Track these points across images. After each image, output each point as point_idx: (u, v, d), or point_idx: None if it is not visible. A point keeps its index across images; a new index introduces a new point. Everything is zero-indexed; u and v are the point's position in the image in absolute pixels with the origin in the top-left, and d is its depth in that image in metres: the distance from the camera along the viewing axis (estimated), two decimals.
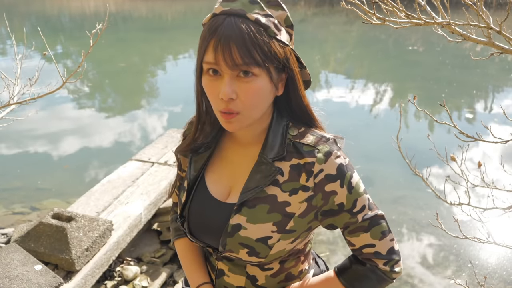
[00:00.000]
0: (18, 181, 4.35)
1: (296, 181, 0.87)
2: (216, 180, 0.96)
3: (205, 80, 0.83)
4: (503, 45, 1.17)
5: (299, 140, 0.88)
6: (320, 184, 0.86)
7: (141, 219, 2.79)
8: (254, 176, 0.88)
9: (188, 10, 20.60)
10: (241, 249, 0.88)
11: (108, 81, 8.74)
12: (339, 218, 0.90)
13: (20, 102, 2.10)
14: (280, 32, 0.83)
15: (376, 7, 1.13)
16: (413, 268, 3.03)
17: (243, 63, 0.77)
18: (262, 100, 0.83)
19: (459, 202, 1.45)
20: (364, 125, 6.12)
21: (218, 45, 0.78)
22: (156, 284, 2.65)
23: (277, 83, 0.85)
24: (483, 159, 4.66)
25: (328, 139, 0.88)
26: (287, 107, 0.92)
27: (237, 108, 0.81)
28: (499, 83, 8.66)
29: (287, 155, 0.88)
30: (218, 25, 0.79)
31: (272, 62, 0.81)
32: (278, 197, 0.87)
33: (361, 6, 1.17)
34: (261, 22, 0.80)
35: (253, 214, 0.87)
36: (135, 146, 5.16)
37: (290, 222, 0.87)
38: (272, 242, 0.87)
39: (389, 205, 3.87)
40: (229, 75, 0.79)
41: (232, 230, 0.88)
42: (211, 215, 0.93)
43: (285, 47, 0.83)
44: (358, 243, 0.92)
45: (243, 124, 0.85)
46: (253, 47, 0.77)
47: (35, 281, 1.93)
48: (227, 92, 0.79)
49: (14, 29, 2.71)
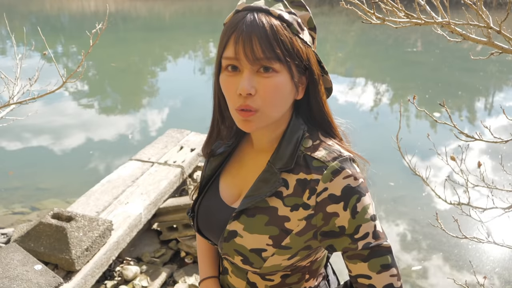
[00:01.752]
0: (18, 181, 4.34)
1: (300, 196, 0.81)
2: (228, 183, 0.95)
3: (223, 77, 0.80)
4: (503, 44, 1.17)
5: (310, 153, 0.82)
6: (322, 204, 0.80)
7: (141, 219, 2.79)
8: (258, 185, 0.85)
9: (187, 10, 20.60)
10: (236, 256, 0.87)
11: (108, 81, 8.74)
12: (339, 241, 0.83)
13: (20, 102, 2.10)
14: (303, 32, 0.80)
15: (376, 7, 1.13)
16: (413, 268, 3.03)
17: (264, 57, 0.75)
18: (282, 98, 0.79)
19: (459, 202, 1.45)
20: (364, 125, 6.11)
21: (239, 38, 0.75)
22: (156, 284, 2.65)
23: (297, 84, 0.81)
24: (483, 159, 4.66)
25: (341, 156, 0.81)
26: (307, 112, 0.87)
27: (255, 105, 0.78)
28: (499, 83, 8.66)
29: (295, 168, 0.82)
30: (239, 19, 0.77)
31: (294, 60, 0.78)
32: (279, 211, 0.83)
33: (361, 6, 1.17)
34: (285, 18, 0.77)
35: (251, 223, 0.84)
36: (135, 146, 5.16)
37: (287, 239, 0.83)
38: (266, 255, 0.84)
39: (389, 205, 3.87)
40: (249, 70, 0.76)
41: (228, 235, 0.86)
42: (215, 216, 0.93)
43: (308, 47, 0.81)
44: (354, 271, 0.84)
45: (261, 123, 0.81)
46: (275, 41, 0.75)
47: (35, 281, 1.93)
48: (246, 87, 0.76)
49: (14, 29, 2.71)
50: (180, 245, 3.00)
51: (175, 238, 3.03)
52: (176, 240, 3.05)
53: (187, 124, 4.77)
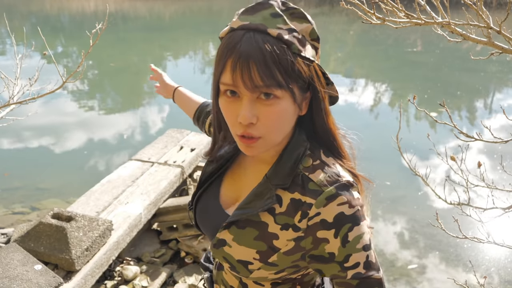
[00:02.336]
0: (18, 181, 4.34)
1: (291, 217, 0.79)
2: (228, 186, 0.94)
3: (222, 101, 0.77)
4: (503, 45, 1.17)
5: (308, 174, 0.79)
6: (313, 228, 0.77)
7: (141, 219, 2.79)
8: (251, 198, 0.83)
9: (187, 10, 20.60)
10: (224, 262, 0.87)
11: (107, 81, 8.74)
12: (327, 267, 0.80)
13: (20, 102, 2.10)
14: (305, 48, 0.76)
15: (376, 7, 1.13)
16: (413, 268, 3.03)
17: (263, 85, 0.71)
18: (285, 123, 0.77)
19: (459, 202, 1.45)
20: (364, 125, 6.11)
21: (236, 65, 0.71)
22: (156, 284, 2.65)
23: (300, 103, 0.78)
24: (482, 159, 4.66)
25: (339, 181, 0.78)
26: (309, 127, 0.84)
27: (258, 133, 0.75)
28: (499, 83, 8.66)
29: (291, 186, 0.80)
30: (236, 42, 0.72)
31: (296, 82, 0.74)
32: (269, 227, 0.81)
33: (361, 6, 1.17)
34: (284, 39, 0.72)
35: (240, 235, 0.83)
36: (135, 146, 5.16)
37: (274, 256, 0.81)
38: (252, 268, 0.83)
39: (389, 205, 3.87)
40: (249, 98, 0.73)
41: (218, 243, 0.86)
42: (211, 217, 0.93)
43: (310, 64, 0.77)
44: None
45: (264, 148, 0.79)
46: (275, 66, 0.70)
47: (35, 281, 1.93)
48: (246, 116, 0.73)
49: (14, 29, 2.71)
50: (180, 245, 3.00)
51: (175, 238, 3.04)
52: (176, 240, 3.05)
53: (187, 124, 4.76)
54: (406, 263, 3.08)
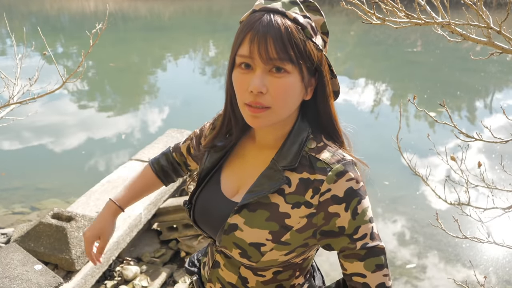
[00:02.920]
0: (18, 181, 4.34)
1: (302, 195, 0.84)
2: (228, 177, 0.97)
3: (236, 73, 0.83)
4: (503, 45, 1.17)
5: (315, 154, 0.85)
6: (324, 204, 0.83)
7: (141, 219, 2.79)
8: (261, 180, 0.87)
9: (187, 10, 20.60)
10: (234, 249, 0.89)
11: (107, 81, 8.74)
12: (337, 241, 0.86)
13: (20, 102, 2.10)
14: (316, 36, 0.83)
15: (376, 7, 1.13)
16: (414, 268, 3.03)
17: (277, 58, 0.77)
18: (292, 98, 0.82)
19: (459, 202, 1.45)
20: (364, 125, 6.11)
21: (254, 38, 0.78)
22: (156, 284, 2.65)
23: (307, 85, 0.84)
24: (482, 159, 4.66)
25: (344, 159, 0.84)
26: (313, 114, 0.89)
27: (266, 103, 0.80)
28: (498, 83, 8.66)
29: (298, 167, 0.85)
30: (256, 19, 0.79)
31: (306, 62, 0.80)
32: (280, 207, 0.85)
33: (361, 6, 1.17)
34: (299, 21, 0.80)
35: (252, 217, 0.87)
36: (135, 146, 5.16)
37: (286, 235, 0.85)
38: (265, 249, 0.86)
39: (389, 205, 3.87)
40: (262, 69, 0.79)
41: (228, 228, 0.88)
42: (215, 208, 0.95)
43: (319, 51, 0.83)
44: (350, 270, 0.88)
45: (270, 121, 0.83)
46: (289, 43, 0.77)
47: (35, 281, 1.92)
48: (257, 85, 0.78)
49: (14, 29, 2.71)
50: (180, 245, 3.00)
51: (175, 238, 3.04)
52: (176, 240, 3.05)
53: (187, 124, 4.77)
54: (405, 262, 3.08)
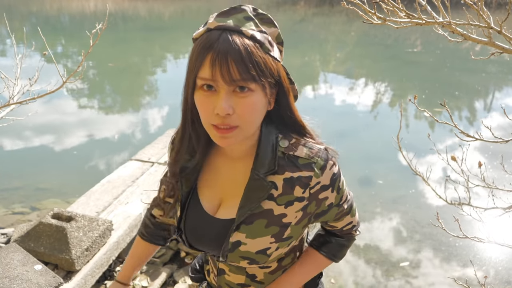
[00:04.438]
0: (18, 181, 4.34)
1: (290, 194, 0.89)
2: (207, 195, 0.97)
3: (198, 95, 0.82)
4: (504, 45, 1.17)
5: (292, 153, 0.89)
6: (315, 194, 0.90)
7: (141, 219, 2.78)
8: (248, 194, 0.89)
9: (186, 10, 20.61)
10: (241, 261, 0.92)
11: (107, 81, 8.73)
12: (328, 215, 0.97)
13: (20, 102, 2.10)
14: (273, 48, 0.84)
15: (376, 6, 1.13)
16: (414, 268, 3.03)
17: (240, 79, 0.77)
18: (258, 114, 0.84)
19: (460, 202, 1.45)
20: (364, 125, 6.11)
21: (215, 60, 0.76)
22: (156, 284, 2.65)
23: (270, 97, 0.85)
24: (482, 159, 4.66)
25: (320, 150, 0.90)
26: (277, 119, 0.92)
27: (234, 122, 0.81)
28: (498, 83, 8.66)
29: (279, 169, 0.88)
30: (214, 40, 0.78)
31: (267, 78, 0.81)
32: (274, 211, 0.89)
33: (361, 6, 1.17)
34: (257, 38, 0.80)
35: (251, 230, 0.90)
36: (135, 146, 5.16)
37: (287, 231, 0.91)
38: (271, 251, 0.91)
39: (389, 205, 3.87)
40: (226, 91, 0.78)
41: (232, 246, 0.91)
42: (205, 230, 0.96)
43: (278, 63, 0.84)
44: (341, 225, 1.03)
45: (238, 139, 0.84)
46: (251, 63, 0.77)
47: (35, 281, 1.92)
48: (224, 108, 0.78)
49: (14, 29, 2.71)
50: (180, 245, 3.00)
51: (175, 238, 3.03)
52: (176, 240, 3.05)
53: None
54: (405, 261, 3.08)
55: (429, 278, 2.95)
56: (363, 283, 2.87)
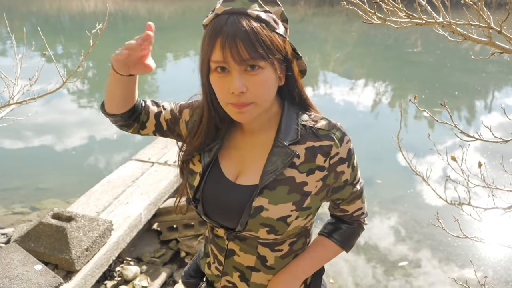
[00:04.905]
0: (18, 181, 4.34)
1: (312, 162, 0.94)
2: (228, 165, 1.01)
3: (213, 77, 0.87)
4: (504, 45, 1.17)
5: (313, 124, 0.96)
6: (334, 165, 0.95)
7: (141, 219, 2.79)
8: (272, 159, 0.94)
9: (186, 10, 20.60)
10: (261, 228, 0.94)
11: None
12: (343, 192, 1.01)
13: (20, 102, 2.10)
14: (278, 26, 0.88)
15: (376, 6, 1.13)
16: (414, 268, 3.03)
17: (250, 58, 0.82)
18: (270, 90, 0.89)
19: (460, 202, 1.45)
20: (364, 125, 6.11)
21: (225, 43, 0.82)
22: (156, 284, 2.65)
23: (280, 73, 0.90)
24: (482, 159, 4.66)
25: (337, 124, 0.97)
26: (287, 94, 0.98)
27: (249, 99, 0.86)
28: (498, 83, 8.66)
29: (301, 139, 0.94)
30: (222, 24, 0.83)
31: (275, 54, 0.86)
32: (296, 178, 0.94)
33: (361, 6, 1.17)
34: (262, 18, 0.85)
35: (274, 195, 0.93)
36: (135, 146, 5.16)
37: (307, 200, 0.95)
38: (291, 220, 0.94)
39: (389, 205, 3.87)
40: (237, 70, 0.84)
41: (254, 211, 0.93)
42: (226, 196, 0.98)
43: (284, 39, 0.89)
44: (352, 209, 1.07)
45: (254, 114, 0.89)
46: (258, 42, 0.82)
47: (35, 281, 1.92)
48: (237, 86, 0.83)
49: (14, 29, 2.71)
50: (180, 245, 3.00)
51: (175, 238, 3.03)
52: (176, 240, 3.05)
53: None
54: (405, 261, 3.08)
55: (428, 278, 2.95)
56: (362, 283, 2.87)
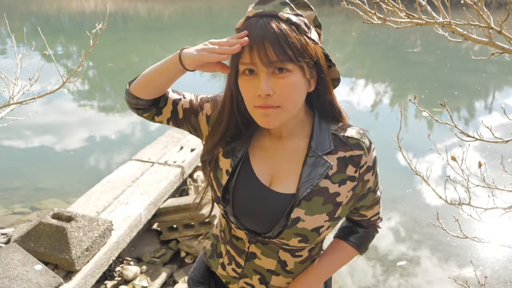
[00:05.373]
0: (18, 181, 4.34)
1: (343, 172, 0.94)
2: (259, 168, 0.99)
3: (242, 80, 0.87)
4: (504, 45, 1.17)
5: (343, 133, 0.95)
6: (362, 175, 0.96)
7: (141, 219, 2.78)
8: (307, 170, 0.93)
9: (187, 10, 20.59)
10: (293, 238, 0.94)
11: (108, 81, 8.73)
12: (367, 200, 1.01)
13: (20, 102, 2.10)
14: (310, 30, 0.87)
15: (376, 6, 1.13)
16: (414, 268, 3.03)
17: (277, 60, 0.81)
18: (298, 94, 0.87)
19: (460, 202, 1.45)
20: (364, 125, 6.10)
21: (253, 45, 0.82)
22: (156, 284, 2.65)
23: (309, 78, 0.89)
24: (482, 159, 4.66)
25: (364, 133, 0.98)
26: (317, 101, 0.96)
27: (276, 103, 0.85)
28: (497, 83, 8.66)
29: (333, 149, 0.94)
30: (252, 26, 0.83)
31: (304, 58, 0.84)
32: (330, 189, 0.94)
33: (361, 6, 1.17)
34: (292, 21, 0.83)
35: (310, 206, 0.93)
36: (135, 146, 5.16)
37: (339, 210, 0.95)
38: (323, 230, 0.95)
39: (389, 205, 3.87)
40: (265, 73, 0.83)
41: (292, 222, 0.93)
42: (262, 202, 0.96)
43: (316, 44, 0.88)
44: (370, 214, 1.07)
45: (280, 119, 0.87)
46: (286, 44, 0.81)
47: (35, 281, 1.92)
48: (264, 89, 0.82)
49: (14, 29, 2.70)
50: (180, 245, 3.00)
51: (175, 238, 3.03)
52: (176, 240, 3.05)
53: None
54: (404, 261, 3.08)
55: (428, 277, 2.95)
56: (362, 282, 2.87)
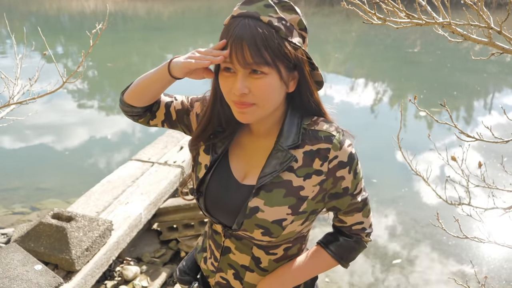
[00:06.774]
0: (18, 181, 4.34)
1: (309, 166, 0.93)
2: (235, 165, 1.02)
3: (221, 76, 0.90)
4: (504, 45, 1.17)
5: (314, 127, 0.95)
6: (333, 170, 0.93)
7: (141, 219, 2.78)
8: (271, 162, 0.94)
9: (186, 10, 20.59)
10: (256, 229, 0.95)
11: (108, 81, 8.73)
12: (342, 201, 0.98)
13: (20, 102, 2.10)
14: (292, 34, 0.88)
15: (376, 7, 1.13)
16: (414, 268, 3.03)
17: (253, 62, 0.83)
18: (273, 95, 0.89)
19: (460, 202, 1.45)
20: (364, 125, 6.11)
21: (232, 45, 0.84)
22: (156, 284, 2.65)
23: (287, 81, 0.90)
24: (482, 159, 4.66)
25: (340, 128, 0.96)
26: (299, 102, 0.97)
27: (251, 100, 0.88)
28: (497, 83, 8.66)
29: (301, 143, 0.94)
30: (234, 26, 0.86)
31: (282, 62, 0.86)
32: (293, 182, 0.93)
33: (361, 6, 1.17)
34: (273, 24, 0.85)
35: (270, 197, 0.94)
36: (135, 146, 5.16)
37: (304, 205, 0.94)
38: (286, 223, 0.94)
39: (389, 205, 3.87)
40: (242, 72, 0.86)
41: (250, 212, 0.94)
42: (229, 194, 0.99)
43: (297, 48, 0.89)
44: (350, 222, 1.04)
45: (257, 115, 0.90)
46: (263, 47, 0.83)
47: (35, 281, 1.92)
48: (239, 88, 0.85)
49: (14, 29, 2.71)
50: (180, 245, 3.00)
51: (175, 238, 3.03)
52: (176, 240, 3.05)
53: None
54: (404, 261, 3.08)
55: (427, 277, 2.95)
56: (360, 282, 2.87)
